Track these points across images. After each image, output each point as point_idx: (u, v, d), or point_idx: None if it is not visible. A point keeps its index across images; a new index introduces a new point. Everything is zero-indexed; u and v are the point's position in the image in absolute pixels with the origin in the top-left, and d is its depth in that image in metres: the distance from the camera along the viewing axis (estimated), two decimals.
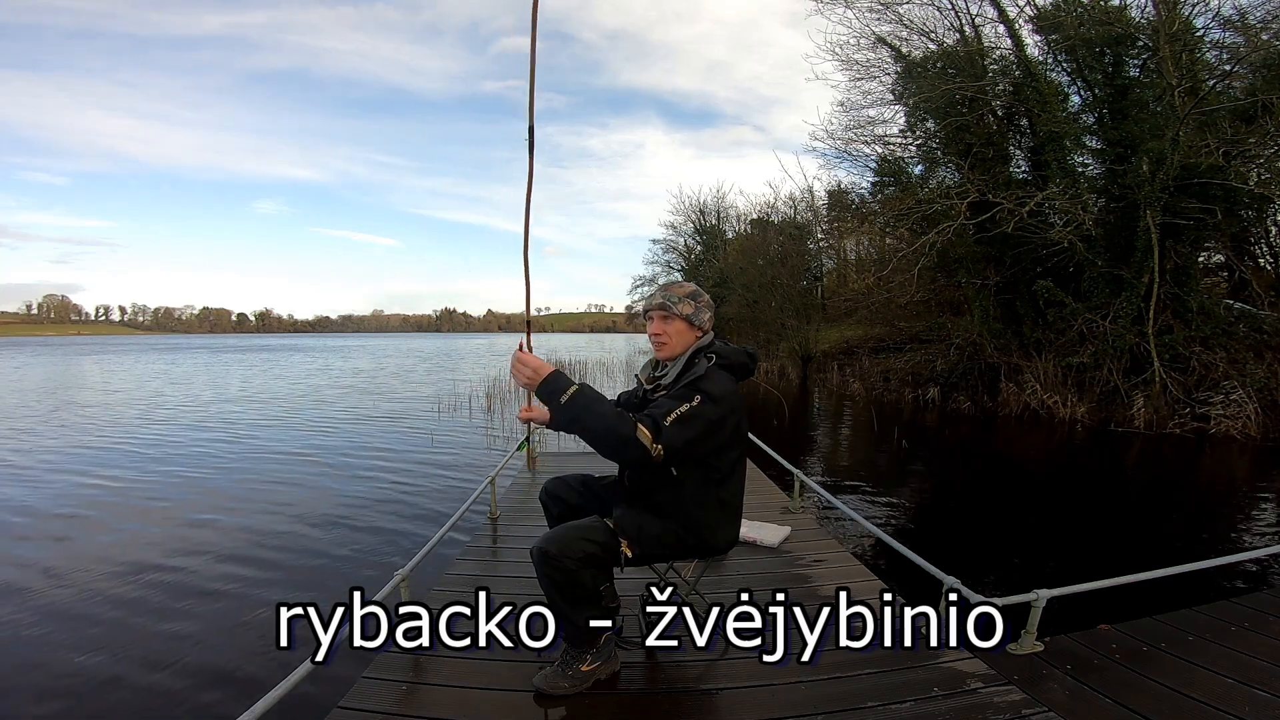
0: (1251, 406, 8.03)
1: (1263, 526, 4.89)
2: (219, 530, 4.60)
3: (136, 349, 54.85)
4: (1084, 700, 1.76)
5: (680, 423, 1.59)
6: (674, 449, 1.57)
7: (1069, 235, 9.90)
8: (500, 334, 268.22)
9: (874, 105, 13.39)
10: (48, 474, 6.46)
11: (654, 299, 1.83)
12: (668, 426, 1.57)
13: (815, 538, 3.20)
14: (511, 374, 1.60)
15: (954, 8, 12.01)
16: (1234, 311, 9.60)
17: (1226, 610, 2.37)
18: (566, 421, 1.58)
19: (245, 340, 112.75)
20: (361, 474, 6.40)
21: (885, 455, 7.70)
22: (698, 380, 1.69)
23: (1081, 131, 11.24)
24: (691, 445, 1.61)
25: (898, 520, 5.03)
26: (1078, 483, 6.49)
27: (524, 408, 2.22)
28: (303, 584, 3.61)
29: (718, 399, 1.65)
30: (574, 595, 1.66)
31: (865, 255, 22.19)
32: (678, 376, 1.79)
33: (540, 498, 2.11)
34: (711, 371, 1.73)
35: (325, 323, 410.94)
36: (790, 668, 1.86)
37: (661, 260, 32.11)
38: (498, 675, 1.84)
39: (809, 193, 23.19)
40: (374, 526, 4.68)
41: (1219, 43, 9.86)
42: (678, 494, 1.77)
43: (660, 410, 1.61)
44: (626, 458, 1.59)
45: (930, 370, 12.62)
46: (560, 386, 1.54)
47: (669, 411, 1.60)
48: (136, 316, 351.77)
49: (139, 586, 3.57)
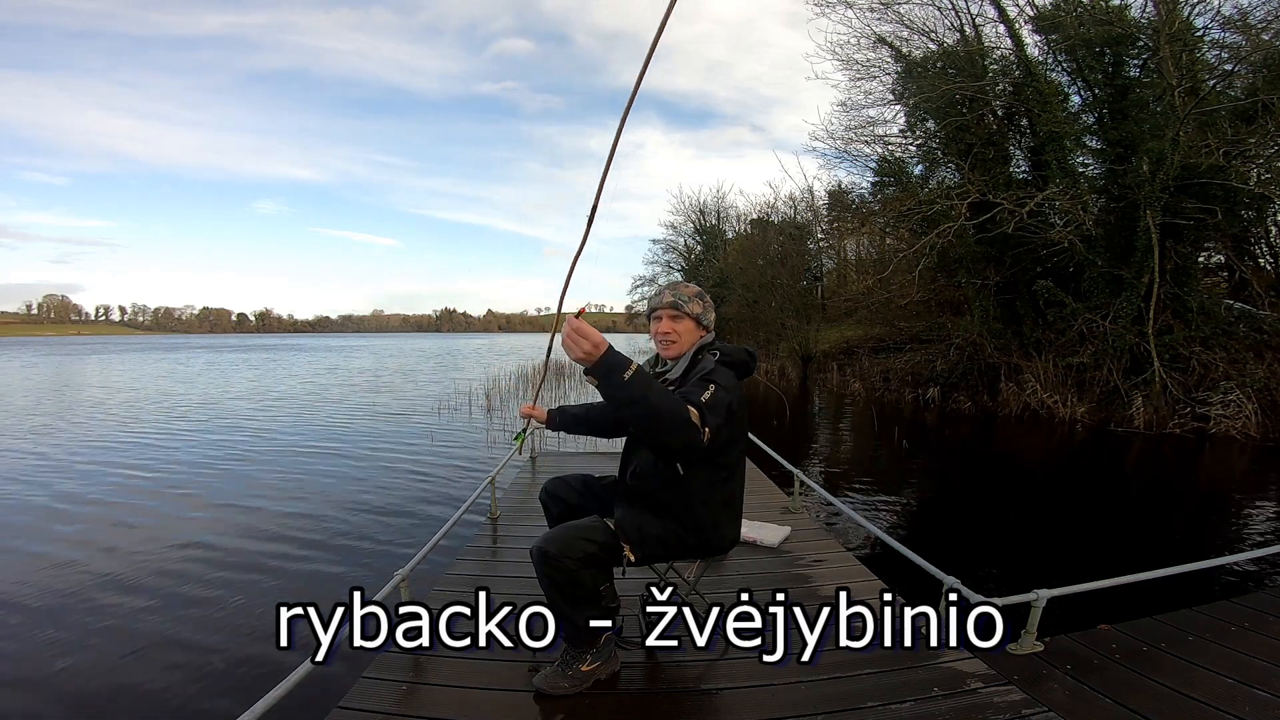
0: (1251, 406, 8.03)
1: (1263, 526, 4.88)
2: (218, 529, 4.59)
3: (140, 349, 54.83)
4: (1084, 700, 1.76)
5: (710, 408, 1.58)
6: (715, 431, 1.56)
7: (1069, 235, 9.91)
8: (500, 334, 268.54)
9: (874, 105, 13.43)
10: (46, 472, 6.46)
11: (664, 298, 1.85)
12: (705, 409, 1.56)
13: (815, 538, 3.21)
14: (565, 345, 1.44)
15: (954, 8, 12.03)
16: (1234, 311, 9.61)
17: (1226, 610, 2.37)
18: (629, 400, 1.44)
19: (246, 340, 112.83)
20: (362, 473, 6.40)
21: (885, 455, 7.70)
22: (709, 373, 1.70)
23: (1081, 131, 11.24)
24: (719, 431, 1.60)
25: (898, 520, 5.03)
26: (1078, 483, 6.49)
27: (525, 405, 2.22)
28: (302, 584, 3.61)
29: (729, 389, 1.67)
30: (574, 595, 1.66)
31: (865, 255, 22.19)
32: (685, 372, 1.81)
33: (540, 498, 2.12)
34: (718, 366, 1.74)
35: (325, 323, 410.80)
36: (790, 668, 1.86)
37: (661, 260, 32.11)
38: (498, 675, 1.84)
39: (809, 193, 23.24)
40: (374, 526, 4.68)
41: (1219, 42, 9.87)
42: (682, 492, 1.77)
43: (694, 394, 1.60)
44: (682, 441, 1.49)
45: (930, 370, 12.62)
46: (622, 362, 1.43)
47: (700, 395, 1.59)
48: (136, 316, 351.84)
49: (137, 587, 3.57)
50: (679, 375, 1.81)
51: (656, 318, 1.86)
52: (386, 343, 77.75)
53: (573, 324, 1.44)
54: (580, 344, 1.40)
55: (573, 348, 1.42)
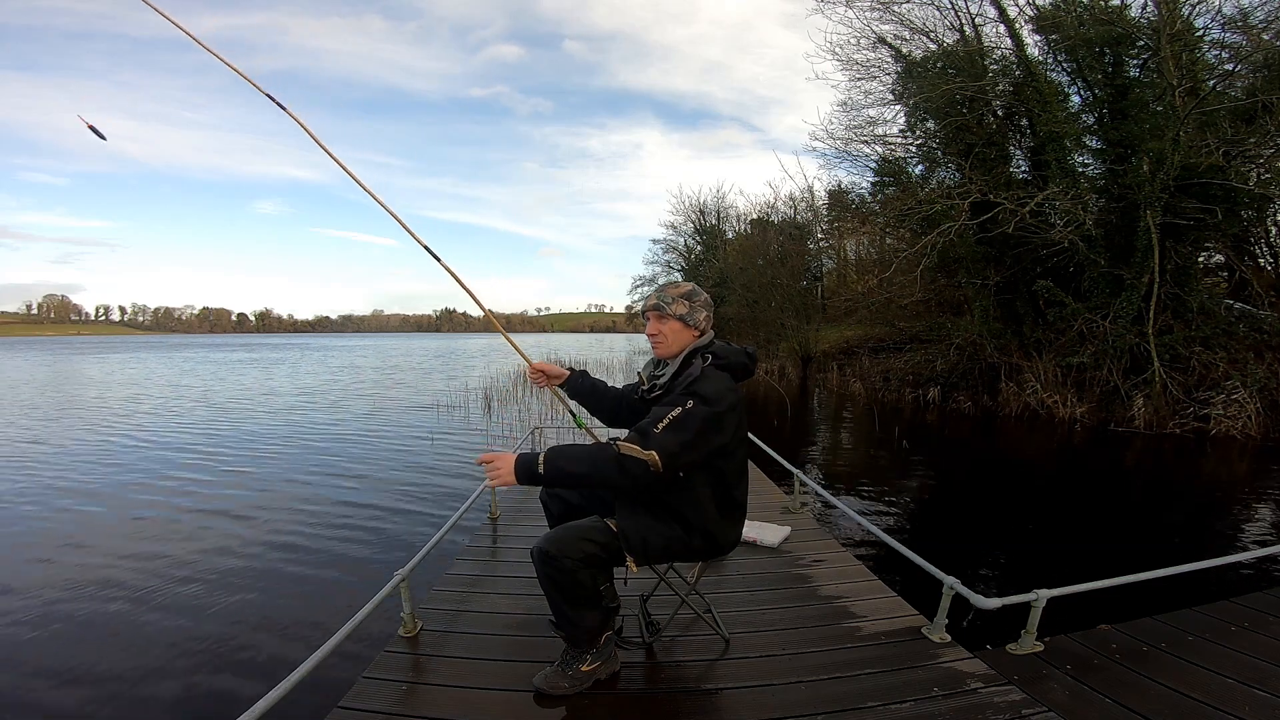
0: (1252, 406, 8.03)
1: (1263, 526, 4.88)
2: (216, 530, 4.59)
3: (143, 349, 54.82)
4: (1084, 700, 1.76)
5: (672, 428, 1.59)
6: (669, 453, 1.57)
7: (1069, 235, 9.90)
8: (500, 334, 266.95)
9: (874, 105, 13.43)
10: (42, 472, 6.47)
11: (649, 300, 1.87)
12: (657, 434, 1.58)
13: (815, 538, 3.20)
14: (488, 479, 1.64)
15: (954, 8, 12.03)
16: (1234, 311, 9.60)
17: (1226, 610, 2.38)
18: (556, 480, 1.61)
19: (248, 340, 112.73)
20: (362, 473, 6.40)
21: (885, 455, 7.70)
22: (692, 383, 1.69)
23: (1081, 131, 11.23)
24: (688, 448, 1.60)
25: (898, 520, 5.03)
26: (1078, 483, 6.48)
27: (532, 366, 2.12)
28: (301, 585, 3.61)
29: (711, 400, 1.64)
30: (574, 595, 1.66)
31: (865, 255, 22.20)
32: (673, 377, 1.79)
33: (540, 497, 2.12)
34: (707, 372, 1.72)
35: (325, 323, 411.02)
36: (790, 668, 1.86)
37: (661, 260, 32.16)
38: (498, 675, 1.84)
39: (809, 193, 23.24)
40: (374, 527, 4.68)
41: (1220, 42, 9.87)
42: (686, 496, 1.75)
43: (649, 420, 1.63)
44: (628, 478, 1.57)
45: (930, 370, 12.62)
46: (531, 460, 1.58)
47: (659, 418, 1.61)
48: (136, 316, 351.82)
49: (135, 587, 3.57)
50: (667, 380, 1.81)
51: (645, 319, 1.88)
52: (392, 343, 77.64)
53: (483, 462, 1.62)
54: (497, 475, 1.59)
55: (494, 478, 1.60)
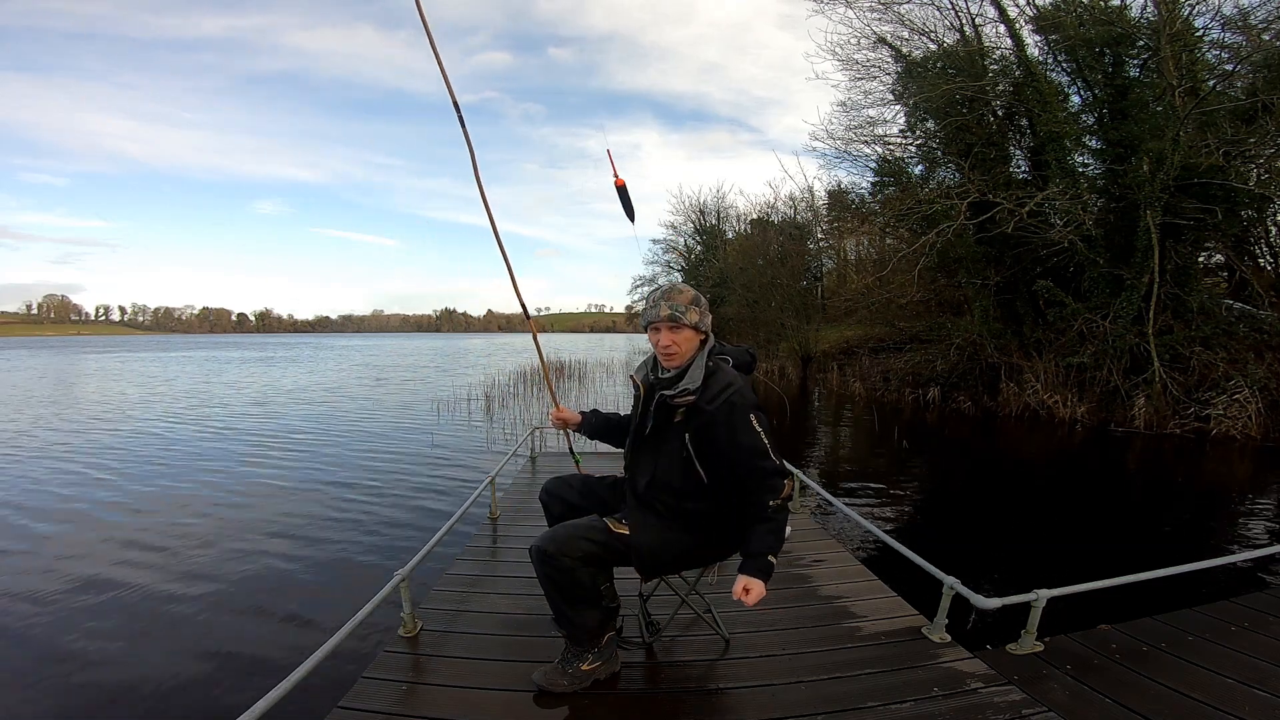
0: (1252, 406, 8.03)
1: (1263, 526, 4.88)
2: (216, 530, 4.59)
3: (145, 348, 54.84)
4: (1084, 700, 1.76)
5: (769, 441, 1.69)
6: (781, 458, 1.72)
7: (1069, 235, 9.90)
8: (500, 334, 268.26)
9: (874, 105, 13.41)
10: (41, 469, 6.47)
11: (659, 310, 1.72)
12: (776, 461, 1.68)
13: (815, 538, 3.21)
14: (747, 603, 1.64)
15: (954, 8, 12.03)
16: (1234, 311, 9.59)
17: (1226, 610, 2.38)
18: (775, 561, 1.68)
19: (251, 339, 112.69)
20: (362, 473, 6.40)
21: (885, 455, 7.70)
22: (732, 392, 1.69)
23: (1081, 131, 11.23)
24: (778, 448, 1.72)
25: (897, 520, 5.03)
26: (1078, 483, 6.48)
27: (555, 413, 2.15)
28: (301, 585, 3.61)
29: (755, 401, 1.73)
30: (573, 594, 1.66)
31: (865, 255, 22.17)
32: (705, 384, 1.71)
33: (540, 497, 2.11)
34: (736, 376, 1.74)
35: (325, 323, 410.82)
36: (790, 668, 1.86)
37: (661, 260, 32.08)
38: (498, 675, 1.84)
39: (809, 193, 23.23)
40: (374, 526, 4.67)
41: (1220, 42, 9.87)
42: (708, 504, 1.74)
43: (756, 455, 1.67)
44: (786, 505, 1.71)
45: (930, 370, 12.62)
46: (768, 566, 1.64)
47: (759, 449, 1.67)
48: (136, 316, 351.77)
49: (135, 587, 3.57)
50: (698, 386, 1.71)
51: (654, 329, 1.76)
52: (395, 343, 77.55)
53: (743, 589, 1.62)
54: (757, 597, 1.62)
55: (753, 602, 1.61)
